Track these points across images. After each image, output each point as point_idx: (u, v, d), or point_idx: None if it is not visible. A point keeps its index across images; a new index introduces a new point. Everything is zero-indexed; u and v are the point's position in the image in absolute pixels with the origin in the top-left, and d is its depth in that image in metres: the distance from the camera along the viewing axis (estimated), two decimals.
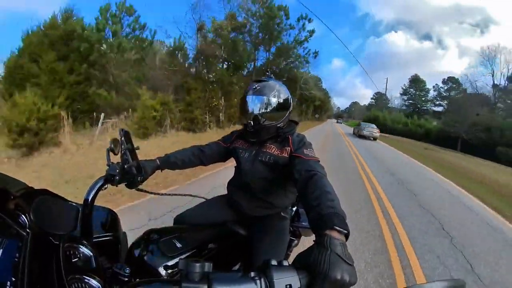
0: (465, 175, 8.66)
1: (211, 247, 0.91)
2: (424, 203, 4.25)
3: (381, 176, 6.05)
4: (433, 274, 2.28)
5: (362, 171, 6.36)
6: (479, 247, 2.91)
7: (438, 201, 4.58)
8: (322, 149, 9.34)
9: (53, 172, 4.54)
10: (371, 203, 3.92)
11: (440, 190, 5.54)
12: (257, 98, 1.02)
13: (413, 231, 3.11)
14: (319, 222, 0.58)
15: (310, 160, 0.89)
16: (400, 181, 5.72)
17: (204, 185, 3.89)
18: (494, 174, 10.57)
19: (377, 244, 2.68)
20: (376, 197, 4.27)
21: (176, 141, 8.34)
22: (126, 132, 0.87)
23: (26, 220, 0.52)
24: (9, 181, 0.57)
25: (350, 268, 0.44)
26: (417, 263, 2.41)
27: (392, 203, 4.02)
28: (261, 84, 1.04)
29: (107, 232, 0.78)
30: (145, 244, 0.78)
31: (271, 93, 1.02)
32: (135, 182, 0.86)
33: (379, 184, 5.18)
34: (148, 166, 0.96)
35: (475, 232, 3.38)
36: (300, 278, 0.42)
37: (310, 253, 0.47)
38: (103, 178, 0.76)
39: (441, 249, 2.74)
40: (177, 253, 0.77)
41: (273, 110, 1.02)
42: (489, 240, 3.22)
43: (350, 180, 5.27)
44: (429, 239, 2.95)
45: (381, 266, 2.28)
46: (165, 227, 1.01)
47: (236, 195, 1.17)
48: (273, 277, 0.40)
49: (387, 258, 2.44)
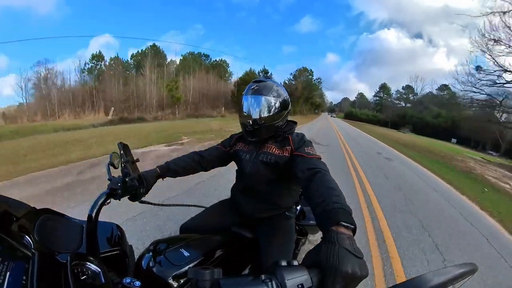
0: (383, 135, 22.29)
1: (219, 253, 0.91)
2: (361, 143, 13.39)
3: (344, 134, 18.65)
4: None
5: (335, 131, 19.17)
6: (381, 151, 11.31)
7: (366, 143, 14.40)
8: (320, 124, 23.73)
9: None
10: (339, 142, 12.33)
11: (368, 141, 16.06)
12: (255, 98, 1.02)
13: (356, 152, 9.24)
14: (325, 219, 0.58)
15: (312, 158, 0.90)
16: (352, 137, 16.45)
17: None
18: (395, 134, 28.58)
19: (344, 164, 6.70)
20: (340, 139, 13.92)
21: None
22: (124, 145, 0.86)
23: (31, 241, 0.51)
24: (10, 203, 0.56)
25: (360, 261, 0.44)
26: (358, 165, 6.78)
27: (349, 144, 11.86)
28: (259, 85, 1.04)
29: (114, 246, 0.77)
30: (153, 255, 0.77)
31: (269, 93, 1.02)
32: (138, 194, 0.86)
33: (342, 135, 16.57)
34: (149, 177, 0.95)
35: (378, 151, 10.93)
36: (312, 277, 0.42)
37: (319, 251, 0.47)
38: (105, 193, 0.75)
39: (367, 155, 9.18)
40: (185, 262, 0.77)
41: (272, 110, 1.02)
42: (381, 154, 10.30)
43: (329, 132, 18.15)
44: (364, 155, 8.80)
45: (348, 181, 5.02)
46: (171, 237, 1.00)
47: (240, 198, 1.17)
48: (284, 278, 0.40)
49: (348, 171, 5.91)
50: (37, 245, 0.52)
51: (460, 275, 0.43)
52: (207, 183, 3.73)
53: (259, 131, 1.04)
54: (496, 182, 8.14)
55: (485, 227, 3.63)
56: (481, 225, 3.67)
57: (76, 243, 0.67)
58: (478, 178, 8.17)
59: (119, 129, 12.05)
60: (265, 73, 6.05)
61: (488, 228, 3.65)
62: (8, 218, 0.50)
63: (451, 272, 0.42)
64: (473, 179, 7.97)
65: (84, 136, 7.95)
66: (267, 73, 6.11)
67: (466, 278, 0.44)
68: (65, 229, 0.70)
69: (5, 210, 0.49)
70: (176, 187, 3.26)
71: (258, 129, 1.03)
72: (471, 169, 9.97)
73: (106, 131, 10.53)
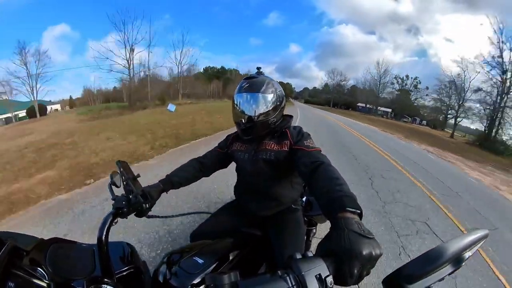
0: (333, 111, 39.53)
1: (233, 255, 0.91)
2: (315, 115, 24.19)
3: (303, 110, 29.96)
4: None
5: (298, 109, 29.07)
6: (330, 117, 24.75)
7: (322, 114, 27.40)
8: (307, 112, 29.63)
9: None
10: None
11: (320, 113, 29.56)
12: (248, 95, 1.01)
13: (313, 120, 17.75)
14: (331, 207, 0.58)
15: (313, 151, 0.89)
16: (315, 114, 27.23)
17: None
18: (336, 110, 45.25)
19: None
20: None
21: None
22: (123, 162, 0.86)
23: (44, 272, 0.51)
24: (18, 238, 0.56)
25: (371, 240, 0.44)
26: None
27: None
28: (251, 81, 1.02)
29: (127, 264, 0.77)
30: (168, 267, 0.77)
31: (261, 89, 1.00)
32: (143, 210, 0.86)
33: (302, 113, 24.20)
34: (153, 192, 0.95)
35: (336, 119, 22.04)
36: (328, 265, 0.42)
37: (330, 239, 0.47)
38: (111, 213, 0.75)
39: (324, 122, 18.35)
40: (201, 269, 0.77)
41: (265, 106, 1.00)
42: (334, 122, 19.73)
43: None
44: (322, 120, 18.90)
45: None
46: (183, 246, 1.00)
47: (244, 198, 1.17)
48: (301, 270, 0.40)
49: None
50: (51, 276, 0.52)
51: (474, 241, 0.44)
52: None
53: (254, 129, 1.03)
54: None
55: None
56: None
57: (90, 267, 0.67)
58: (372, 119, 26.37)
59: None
60: (257, 69, 6.08)
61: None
62: (18, 253, 0.50)
63: (466, 240, 0.44)
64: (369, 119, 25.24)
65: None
66: (259, 69, 6.14)
67: (479, 243, 0.46)
68: (77, 255, 0.70)
69: (13, 246, 0.48)
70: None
71: (253, 126, 1.02)
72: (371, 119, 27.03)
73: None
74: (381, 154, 7.15)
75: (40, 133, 10.75)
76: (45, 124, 17.62)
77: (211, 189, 3.23)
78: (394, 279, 0.42)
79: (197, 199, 2.98)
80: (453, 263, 0.42)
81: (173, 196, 2.85)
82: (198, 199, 3.00)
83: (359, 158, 6.04)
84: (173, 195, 2.65)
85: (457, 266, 0.44)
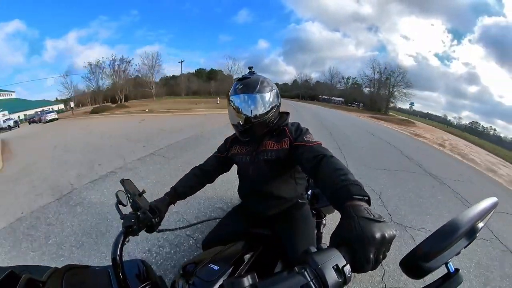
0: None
1: (247, 258, 0.91)
2: (295, 105, 27.93)
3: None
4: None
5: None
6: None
7: (298, 104, 35.07)
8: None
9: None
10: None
11: (296, 103, 35.69)
12: (243, 96, 0.99)
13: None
14: (338, 197, 0.59)
15: (314, 146, 0.89)
16: (293, 104, 31.03)
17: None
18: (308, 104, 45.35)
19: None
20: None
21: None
22: (126, 180, 0.86)
23: None
24: (31, 269, 0.56)
25: (382, 224, 0.45)
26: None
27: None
28: (245, 82, 1.00)
29: (143, 282, 0.77)
30: (184, 279, 0.77)
31: (255, 88, 0.98)
32: (153, 225, 0.86)
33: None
34: (160, 205, 0.95)
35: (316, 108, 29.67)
36: (343, 255, 0.42)
37: (341, 228, 0.47)
38: (122, 232, 0.75)
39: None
40: (218, 276, 0.77)
41: (261, 105, 0.99)
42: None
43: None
44: (300, 106, 27.29)
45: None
46: (196, 256, 1.00)
47: (250, 200, 1.17)
48: (318, 263, 0.40)
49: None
50: None
51: (485, 211, 0.45)
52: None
53: (252, 129, 1.02)
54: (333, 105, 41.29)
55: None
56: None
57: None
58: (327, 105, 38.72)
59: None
60: (249, 68, 5.93)
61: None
62: (34, 285, 0.50)
63: (477, 211, 0.44)
64: (326, 105, 38.85)
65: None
66: (251, 68, 5.97)
67: (491, 212, 0.46)
68: (93, 279, 0.70)
69: (29, 278, 0.48)
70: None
71: (251, 127, 1.01)
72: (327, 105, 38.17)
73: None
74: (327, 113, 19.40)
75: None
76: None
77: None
78: (411, 260, 0.42)
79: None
80: (467, 235, 0.43)
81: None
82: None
83: (318, 116, 15.82)
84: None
85: (472, 238, 0.44)
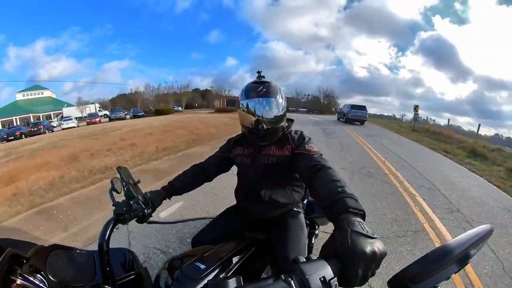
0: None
1: (235, 260, 0.90)
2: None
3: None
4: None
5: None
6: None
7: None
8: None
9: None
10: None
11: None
12: (265, 100, 1.00)
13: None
14: (333, 209, 0.58)
15: (314, 155, 0.90)
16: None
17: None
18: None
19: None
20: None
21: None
22: (123, 168, 0.86)
23: (44, 280, 0.50)
24: (18, 244, 0.55)
25: (375, 240, 0.44)
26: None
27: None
28: (265, 86, 1.02)
29: (128, 271, 0.76)
30: (169, 273, 0.76)
31: (277, 94, 1.00)
32: (144, 216, 0.85)
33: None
34: (154, 198, 0.95)
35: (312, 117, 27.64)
36: (332, 267, 0.41)
37: (333, 240, 0.47)
38: (112, 219, 0.74)
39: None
40: (203, 274, 0.76)
41: (280, 111, 1.02)
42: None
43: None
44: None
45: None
46: (184, 252, 0.99)
47: (246, 202, 1.16)
48: (305, 273, 0.40)
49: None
50: (51, 283, 0.51)
51: (479, 238, 0.44)
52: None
53: (271, 134, 1.03)
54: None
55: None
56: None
57: (91, 274, 0.66)
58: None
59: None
60: (258, 73, 5.87)
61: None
62: (18, 260, 0.50)
63: (471, 237, 0.43)
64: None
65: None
66: (260, 72, 5.88)
67: (485, 240, 0.45)
68: (77, 262, 0.69)
69: (13, 252, 0.48)
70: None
71: (271, 132, 1.02)
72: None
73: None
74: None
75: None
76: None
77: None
78: (399, 280, 0.41)
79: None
80: (459, 261, 0.42)
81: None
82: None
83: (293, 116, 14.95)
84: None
85: (463, 265, 0.43)
